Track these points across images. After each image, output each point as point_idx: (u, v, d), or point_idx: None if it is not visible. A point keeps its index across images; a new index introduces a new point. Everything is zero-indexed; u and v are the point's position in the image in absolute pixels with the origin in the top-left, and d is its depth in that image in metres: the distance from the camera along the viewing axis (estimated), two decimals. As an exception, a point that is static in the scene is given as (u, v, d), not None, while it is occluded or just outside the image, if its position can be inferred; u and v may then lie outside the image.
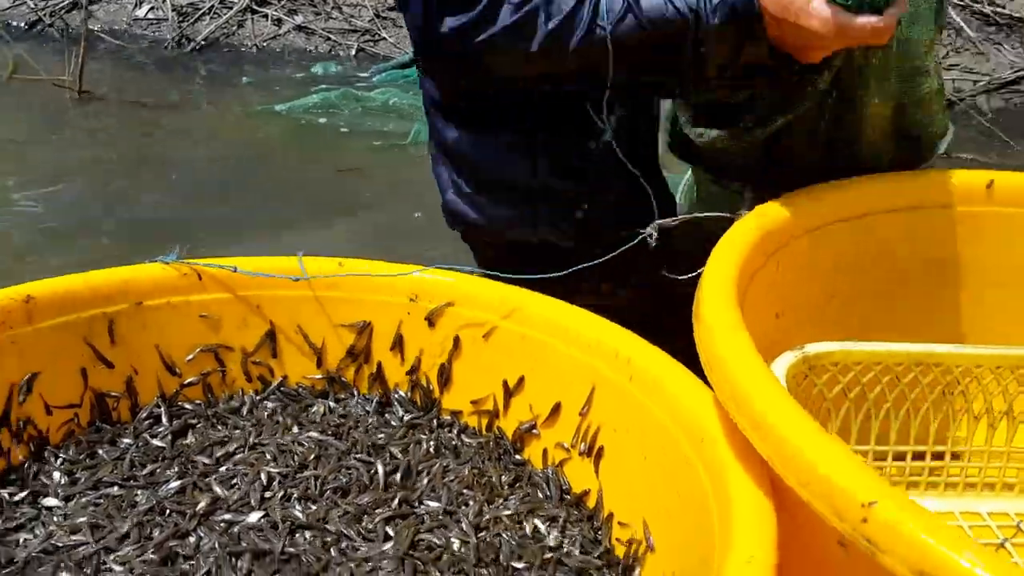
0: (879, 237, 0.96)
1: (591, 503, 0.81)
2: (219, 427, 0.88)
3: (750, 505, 0.58)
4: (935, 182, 0.98)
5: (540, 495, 0.82)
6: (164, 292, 0.89)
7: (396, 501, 0.78)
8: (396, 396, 0.93)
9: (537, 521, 0.78)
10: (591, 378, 0.81)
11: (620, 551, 0.76)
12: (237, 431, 0.88)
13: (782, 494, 0.59)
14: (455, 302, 0.90)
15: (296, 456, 0.83)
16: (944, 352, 0.85)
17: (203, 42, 4.00)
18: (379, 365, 0.94)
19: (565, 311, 0.85)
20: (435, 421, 0.91)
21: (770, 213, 0.88)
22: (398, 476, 0.81)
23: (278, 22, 4.09)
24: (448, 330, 0.91)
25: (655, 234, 0.86)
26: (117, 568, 0.71)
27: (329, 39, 4.02)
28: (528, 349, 0.86)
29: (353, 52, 3.96)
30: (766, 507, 0.58)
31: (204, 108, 3.08)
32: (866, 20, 0.77)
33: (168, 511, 0.76)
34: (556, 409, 0.85)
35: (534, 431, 0.87)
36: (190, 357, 0.91)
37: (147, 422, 0.87)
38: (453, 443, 0.88)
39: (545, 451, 0.86)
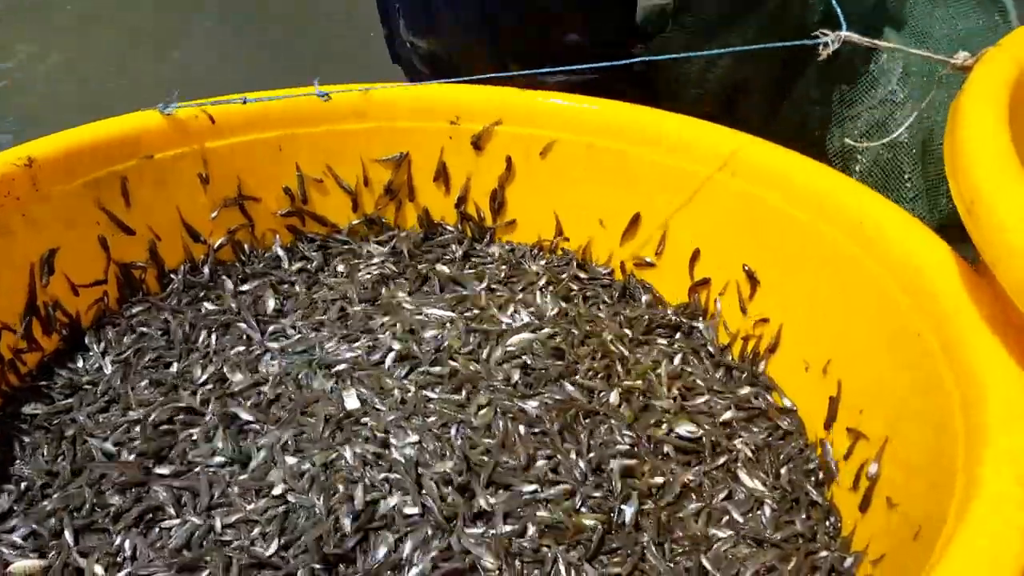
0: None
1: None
2: (266, 288, 0.79)
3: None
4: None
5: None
6: (174, 141, 0.76)
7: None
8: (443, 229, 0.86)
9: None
10: (681, 184, 0.77)
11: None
12: (284, 285, 0.79)
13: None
14: (504, 119, 0.82)
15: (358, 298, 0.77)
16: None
17: None
18: (421, 200, 0.86)
19: (638, 114, 0.79)
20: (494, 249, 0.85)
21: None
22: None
23: None
24: (498, 152, 0.83)
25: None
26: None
27: None
28: (597, 159, 0.80)
29: None
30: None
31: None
32: None
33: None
34: (635, 220, 0.81)
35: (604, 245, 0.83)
36: (214, 214, 0.80)
37: (185, 291, 0.77)
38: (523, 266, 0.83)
39: (622, 264, 0.83)
